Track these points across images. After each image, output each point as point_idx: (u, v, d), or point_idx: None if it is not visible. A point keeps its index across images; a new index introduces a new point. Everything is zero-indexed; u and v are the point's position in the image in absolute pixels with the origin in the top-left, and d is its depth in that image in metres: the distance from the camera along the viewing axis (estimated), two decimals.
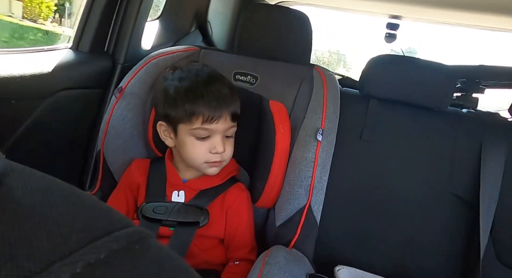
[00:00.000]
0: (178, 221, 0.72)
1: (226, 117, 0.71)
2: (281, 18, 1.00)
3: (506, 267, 0.83)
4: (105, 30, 1.01)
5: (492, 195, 0.82)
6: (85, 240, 0.13)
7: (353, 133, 0.95)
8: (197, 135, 0.71)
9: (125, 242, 0.14)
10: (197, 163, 0.73)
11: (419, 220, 0.89)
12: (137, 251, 0.14)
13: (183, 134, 0.72)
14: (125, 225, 0.15)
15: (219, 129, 0.71)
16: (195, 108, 0.69)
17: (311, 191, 0.75)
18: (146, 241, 0.15)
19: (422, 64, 0.95)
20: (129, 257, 0.13)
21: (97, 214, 0.15)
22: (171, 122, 0.73)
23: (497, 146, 0.86)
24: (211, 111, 0.69)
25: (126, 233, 0.14)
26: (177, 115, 0.71)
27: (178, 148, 0.75)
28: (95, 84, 0.98)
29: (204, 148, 0.71)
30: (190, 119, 0.69)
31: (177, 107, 0.70)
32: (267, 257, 0.64)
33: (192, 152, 0.72)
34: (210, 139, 0.71)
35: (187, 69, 0.73)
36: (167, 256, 0.15)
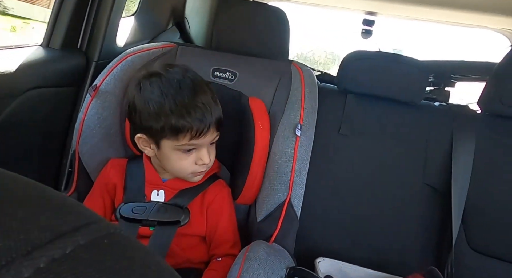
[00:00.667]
0: (158, 220, 0.71)
1: (212, 129, 0.68)
2: (258, 14, 1.00)
3: (476, 252, 0.87)
4: (77, 26, 0.98)
5: (462, 184, 0.86)
6: (50, 236, 0.12)
7: (331, 128, 0.97)
8: (183, 149, 0.68)
9: (93, 236, 0.14)
10: (182, 174, 0.72)
11: (395, 210, 0.92)
12: (105, 246, 0.14)
13: (166, 149, 0.68)
14: (94, 221, 0.14)
15: (205, 142, 0.69)
16: (182, 125, 0.65)
17: (290, 186, 0.76)
18: (115, 236, 0.14)
19: (396, 59, 0.97)
20: (96, 252, 0.13)
21: (64, 210, 0.14)
22: (153, 136, 0.68)
23: (467, 137, 0.89)
24: (199, 126, 0.65)
25: (94, 228, 0.14)
26: (160, 131, 0.66)
27: (160, 159, 0.72)
28: (68, 83, 0.95)
29: (190, 161, 0.70)
30: (176, 136, 0.66)
31: (160, 122, 0.65)
32: (248, 252, 0.64)
33: (178, 165, 0.70)
34: (195, 151, 0.69)
35: (167, 79, 0.67)
36: (136, 250, 0.15)
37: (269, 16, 0.99)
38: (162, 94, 0.66)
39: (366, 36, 1.75)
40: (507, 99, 0.88)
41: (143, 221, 0.71)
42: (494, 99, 0.90)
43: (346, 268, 0.78)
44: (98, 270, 0.13)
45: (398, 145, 0.94)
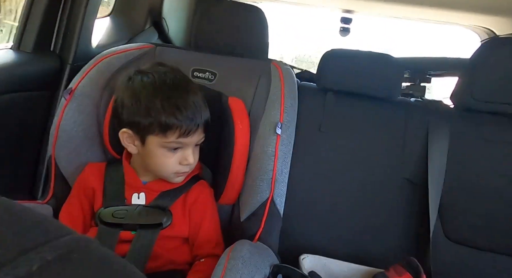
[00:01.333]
0: (139, 224, 0.70)
1: (200, 129, 0.69)
2: (237, 14, 1.00)
3: (453, 242, 0.90)
4: (50, 28, 0.95)
5: (438, 177, 0.89)
6: (15, 254, 0.12)
7: (312, 125, 0.98)
8: (169, 147, 0.68)
9: (61, 251, 0.13)
10: (165, 173, 0.72)
11: (376, 204, 0.94)
12: (74, 259, 0.13)
13: (152, 146, 0.68)
14: (63, 234, 0.14)
15: (192, 142, 0.70)
16: (172, 122, 0.65)
17: (273, 184, 0.76)
18: (85, 248, 0.14)
19: (373, 57, 0.99)
20: (65, 266, 0.13)
21: (30, 225, 0.14)
22: (140, 132, 0.68)
23: (441, 131, 0.92)
24: (188, 125, 0.66)
25: (63, 241, 0.14)
26: (149, 126, 0.66)
27: (144, 156, 0.71)
28: (42, 86, 0.92)
29: (174, 160, 0.69)
30: (164, 133, 0.66)
31: (150, 118, 0.66)
32: (231, 251, 0.64)
33: (162, 163, 0.70)
34: (181, 150, 0.69)
35: (160, 76, 0.68)
36: (108, 261, 0.15)
37: (247, 16, 0.99)
38: (154, 90, 0.66)
39: (344, 34, 1.79)
40: (477, 94, 0.92)
41: (124, 225, 0.70)
42: (465, 94, 0.93)
43: (329, 264, 0.79)
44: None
45: (376, 140, 0.97)
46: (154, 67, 0.71)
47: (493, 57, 0.91)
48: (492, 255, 0.89)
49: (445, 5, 1.31)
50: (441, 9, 1.37)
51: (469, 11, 1.34)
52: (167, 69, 0.71)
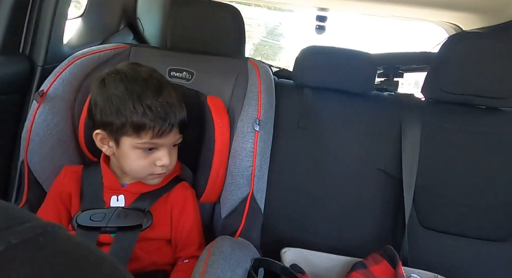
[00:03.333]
0: (118, 226, 0.69)
1: (175, 130, 0.68)
2: (212, 13, 1.00)
3: (427, 229, 0.94)
4: (18, 30, 0.92)
5: (412, 168, 0.92)
6: None
7: (290, 121, 1.00)
8: (143, 148, 0.67)
9: (26, 235, 0.13)
10: (140, 175, 0.71)
11: (353, 196, 0.97)
12: (40, 243, 0.14)
13: (126, 147, 0.67)
14: (28, 220, 0.14)
15: (167, 143, 0.68)
16: (145, 122, 0.64)
17: (252, 180, 0.77)
18: (51, 233, 0.14)
19: (347, 53, 1.02)
20: (30, 249, 0.13)
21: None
22: (113, 133, 0.67)
23: (413, 123, 0.96)
24: (161, 125, 0.65)
25: (28, 226, 0.14)
26: (121, 127, 0.65)
27: (118, 158, 0.70)
28: (11, 89, 0.89)
29: (149, 161, 0.68)
30: (137, 134, 0.65)
31: (122, 118, 0.64)
32: (212, 247, 0.64)
33: (136, 164, 0.69)
34: (156, 151, 0.68)
35: (133, 76, 0.67)
36: (75, 246, 0.15)
37: (223, 14, 0.99)
38: (126, 90, 0.65)
39: (320, 32, 1.82)
40: (445, 86, 0.96)
41: (102, 228, 0.69)
42: (434, 87, 0.97)
43: (310, 256, 0.81)
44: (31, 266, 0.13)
45: (352, 134, 0.99)
46: (128, 67, 0.70)
47: (459, 50, 0.95)
48: (466, 240, 0.94)
49: (414, 2, 1.35)
50: (410, 6, 1.42)
51: (437, 7, 1.40)
52: (141, 68, 0.70)
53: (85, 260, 0.15)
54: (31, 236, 0.14)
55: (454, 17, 1.48)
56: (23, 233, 0.14)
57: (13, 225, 0.14)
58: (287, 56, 4.21)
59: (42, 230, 0.14)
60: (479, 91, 0.94)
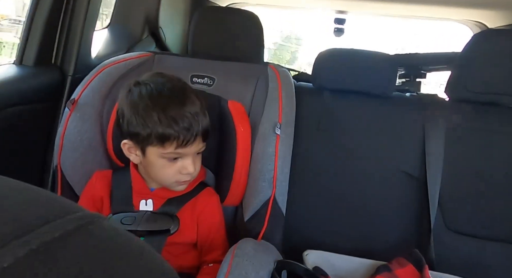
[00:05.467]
0: (148, 230, 0.71)
1: (199, 139, 0.69)
2: (232, 20, 1.02)
3: (453, 232, 0.91)
4: (50, 42, 0.97)
5: (436, 169, 0.90)
6: (39, 223, 0.14)
7: (311, 124, 1.00)
8: (168, 157, 0.68)
9: (78, 223, 0.15)
10: (166, 182, 0.73)
11: (376, 198, 0.95)
12: (90, 230, 0.15)
13: (152, 156, 0.68)
14: (77, 210, 0.16)
15: (191, 152, 0.69)
16: (169, 133, 0.65)
17: (274, 183, 0.78)
18: (98, 222, 0.16)
19: (366, 54, 1.01)
20: (82, 236, 0.15)
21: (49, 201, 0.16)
22: (139, 143, 0.68)
23: (437, 124, 0.94)
24: (185, 136, 0.66)
25: (79, 215, 0.15)
26: (147, 138, 0.67)
27: (145, 166, 0.72)
28: (45, 98, 0.95)
29: (174, 169, 0.70)
30: (162, 144, 0.66)
31: (147, 129, 0.66)
32: (235, 249, 0.65)
33: (162, 173, 0.70)
34: (180, 159, 0.69)
35: (157, 87, 0.68)
36: (120, 234, 0.17)
37: (242, 21, 1.01)
38: (151, 102, 0.66)
39: (339, 34, 1.81)
40: (471, 85, 0.93)
41: (133, 231, 0.71)
42: (459, 86, 0.95)
43: (333, 259, 0.80)
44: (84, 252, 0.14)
45: (374, 135, 0.98)
46: (153, 78, 0.71)
47: (484, 48, 0.92)
48: (494, 244, 0.90)
49: (437, 2, 1.33)
50: (433, 5, 1.39)
51: (461, 6, 1.36)
52: (165, 79, 0.71)
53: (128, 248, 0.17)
54: (82, 224, 0.15)
55: (479, 15, 1.43)
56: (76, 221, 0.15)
57: (67, 214, 0.15)
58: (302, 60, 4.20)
59: (90, 219, 0.16)
60: (506, 90, 0.91)
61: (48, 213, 0.15)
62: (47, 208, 0.15)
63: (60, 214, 0.15)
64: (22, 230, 0.13)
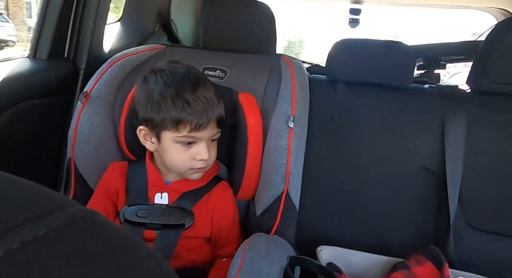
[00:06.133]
0: (163, 224, 0.71)
1: (213, 124, 0.69)
2: (244, 11, 1.00)
3: (474, 229, 0.88)
4: (62, 36, 0.98)
5: (456, 164, 0.86)
6: (22, 219, 0.13)
7: (325, 117, 0.97)
8: (182, 142, 0.68)
9: (67, 220, 0.14)
10: (181, 169, 0.72)
11: (393, 194, 0.92)
12: (80, 228, 0.14)
13: (167, 141, 0.69)
14: (68, 205, 0.15)
15: (205, 137, 0.69)
16: (183, 116, 0.66)
17: (287, 178, 0.76)
18: (91, 219, 0.15)
19: (383, 45, 0.98)
20: (70, 234, 0.13)
21: (36, 195, 0.15)
22: (154, 128, 0.69)
23: (458, 117, 0.90)
24: (199, 119, 0.66)
25: (69, 212, 0.14)
26: (161, 122, 0.67)
27: (161, 153, 0.72)
28: (58, 92, 0.95)
29: (189, 155, 0.69)
30: (176, 127, 0.66)
31: (162, 113, 0.67)
32: (247, 244, 0.64)
33: (177, 159, 0.70)
34: (195, 145, 0.69)
35: (171, 72, 0.69)
36: (114, 232, 0.15)
37: (254, 12, 0.99)
38: (165, 86, 0.67)
39: (354, 25, 1.76)
40: (494, 75, 0.89)
41: (148, 224, 0.71)
42: (482, 76, 0.91)
43: (347, 255, 0.78)
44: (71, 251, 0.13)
45: (391, 129, 0.95)
46: (168, 65, 0.72)
47: (509, 37, 0.88)
48: None
49: None
50: None
51: None
52: (180, 65, 0.71)
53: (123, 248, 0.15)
54: (72, 221, 0.14)
55: (503, 2, 1.36)
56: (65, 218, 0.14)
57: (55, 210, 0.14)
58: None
59: (82, 215, 0.15)
60: None
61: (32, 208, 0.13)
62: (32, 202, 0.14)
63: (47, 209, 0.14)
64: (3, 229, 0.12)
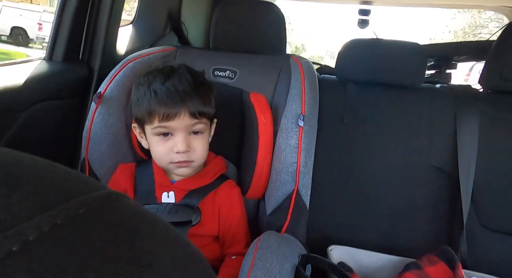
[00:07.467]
0: (170, 221, 0.72)
1: (184, 114, 0.68)
2: (254, 12, 1.01)
3: (488, 229, 0.86)
4: (77, 39, 1.00)
5: (469, 164, 0.85)
6: (63, 198, 0.14)
7: (334, 117, 0.98)
8: (158, 133, 0.70)
9: (102, 200, 0.15)
10: (163, 163, 0.73)
11: (404, 193, 0.92)
12: (114, 207, 0.15)
13: (148, 135, 0.72)
14: (102, 188, 0.16)
15: (179, 127, 0.69)
16: (151, 107, 0.68)
17: (297, 176, 0.76)
18: (123, 200, 0.16)
19: (393, 44, 0.98)
20: (107, 212, 0.14)
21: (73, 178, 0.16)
22: (140, 124, 0.73)
23: (470, 116, 0.89)
24: (166, 109, 0.67)
25: (103, 193, 0.15)
26: (141, 116, 0.70)
27: (150, 148, 0.74)
28: (73, 94, 0.98)
29: (166, 147, 0.70)
30: (150, 119, 0.69)
31: (141, 108, 0.70)
32: (259, 242, 0.65)
33: (157, 151, 0.71)
34: (172, 137, 0.70)
35: (156, 69, 0.73)
36: (144, 211, 0.16)
37: (264, 13, 1.00)
38: (147, 80, 0.71)
39: (363, 26, 1.75)
40: (508, 74, 0.88)
41: None
42: (495, 75, 0.90)
43: (359, 254, 0.78)
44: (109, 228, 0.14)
45: (402, 129, 0.95)
46: (163, 65, 0.75)
47: None
48: None
49: None
50: None
51: None
52: (170, 66, 0.74)
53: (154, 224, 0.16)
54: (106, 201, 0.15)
55: None
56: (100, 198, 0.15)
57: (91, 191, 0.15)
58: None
59: (115, 197, 0.16)
60: None
61: (71, 189, 0.14)
62: (71, 184, 0.15)
63: (84, 191, 0.15)
64: (47, 204, 0.13)
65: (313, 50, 8.26)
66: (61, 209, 0.13)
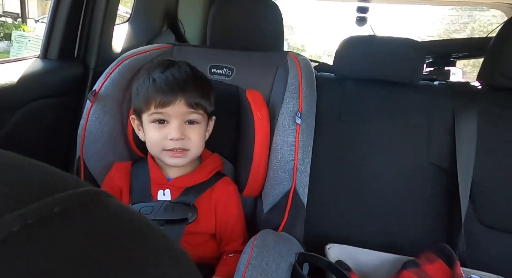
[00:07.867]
0: (166, 219, 0.71)
1: (180, 101, 0.70)
2: (251, 9, 1.00)
3: (487, 227, 0.86)
4: (72, 37, 0.99)
5: (468, 161, 0.85)
6: (37, 197, 0.13)
7: (332, 115, 0.97)
8: (154, 120, 0.71)
9: (81, 198, 0.14)
10: (156, 150, 0.73)
11: (402, 191, 0.91)
12: (93, 206, 0.14)
13: (145, 123, 0.73)
14: (81, 185, 0.15)
15: (174, 114, 0.70)
16: (149, 94, 0.70)
17: (294, 174, 0.76)
18: (103, 198, 0.15)
19: (391, 41, 0.97)
20: (84, 212, 0.14)
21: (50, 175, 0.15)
22: (138, 114, 0.74)
23: (469, 113, 0.89)
24: (163, 95, 0.69)
25: (82, 191, 0.14)
26: (139, 105, 0.73)
27: (145, 138, 0.75)
28: (68, 92, 0.97)
29: (161, 134, 0.71)
30: (147, 106, 0.71)
31: (139, 97, 0.72)
32: (255, 240, 0.64)
33: (151, 137, 0.73)
34: (167, 124, 0.72)
35: (157, 61, 0.75)
36: (126, 211, 0.15)
37: (261, 9, 0.99)
38: (145, 73, 0.73)
39: (361, 23, 1.75)
40: (507, 71, 0.87)
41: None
42: (494, 72, 0.89)
43: (356, 253, 0.78)
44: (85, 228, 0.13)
45: (400, 126, 0.94)
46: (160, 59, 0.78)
47: None
48: None
49: None
50: None
51: None
52: (169, 60, 0.76)
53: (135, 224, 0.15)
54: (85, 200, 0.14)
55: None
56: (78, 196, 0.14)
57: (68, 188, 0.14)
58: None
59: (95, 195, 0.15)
60: None
61: (47, 187, 0.14)
62: (49, 182, 0.14)
63: (60, 188, 0.14)
64: (19, 203, 0.12)
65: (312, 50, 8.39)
66: (34, 207, 0.12)
